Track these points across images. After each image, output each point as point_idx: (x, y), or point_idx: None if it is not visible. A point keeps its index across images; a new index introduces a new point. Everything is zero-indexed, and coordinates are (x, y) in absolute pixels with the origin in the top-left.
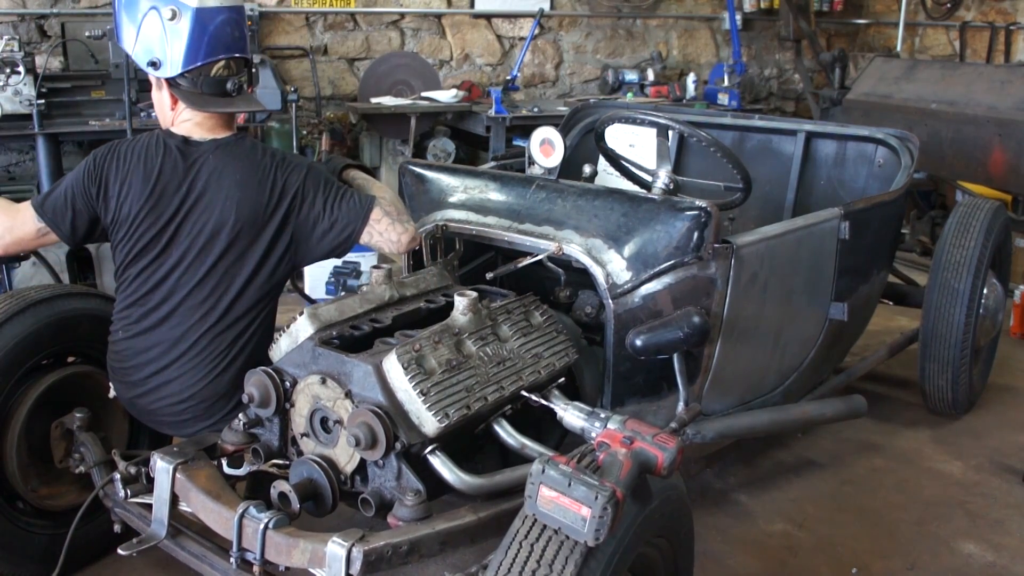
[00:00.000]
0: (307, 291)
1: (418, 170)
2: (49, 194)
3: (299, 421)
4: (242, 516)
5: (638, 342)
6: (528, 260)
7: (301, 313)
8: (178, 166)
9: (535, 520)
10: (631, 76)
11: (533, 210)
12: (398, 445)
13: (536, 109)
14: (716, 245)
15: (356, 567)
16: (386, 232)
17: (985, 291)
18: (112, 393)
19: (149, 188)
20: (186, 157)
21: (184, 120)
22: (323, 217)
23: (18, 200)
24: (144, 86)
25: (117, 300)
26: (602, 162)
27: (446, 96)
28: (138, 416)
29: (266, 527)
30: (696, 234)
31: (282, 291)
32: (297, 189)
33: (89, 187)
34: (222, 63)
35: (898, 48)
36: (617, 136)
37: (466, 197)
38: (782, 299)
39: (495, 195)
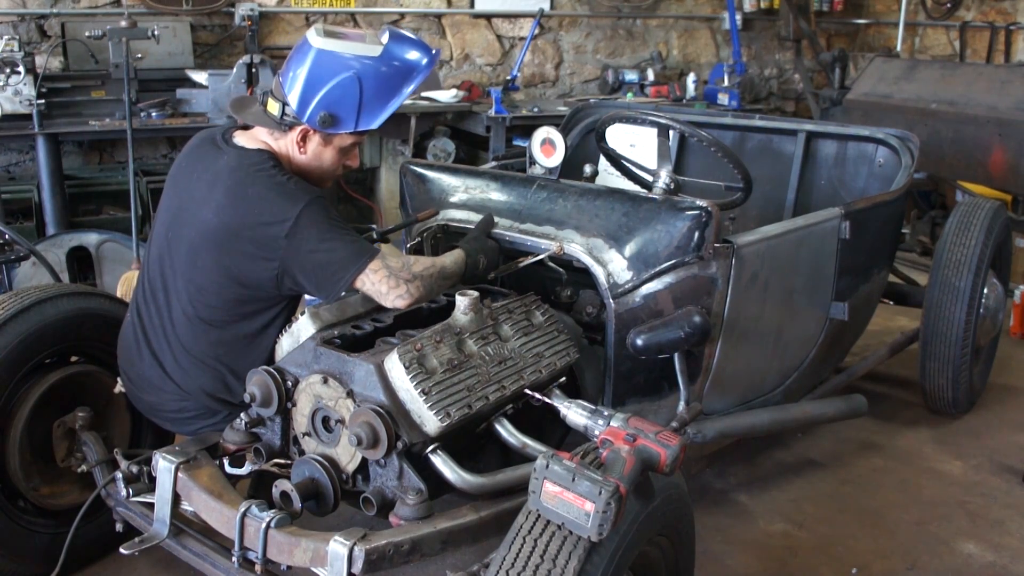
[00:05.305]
0: None
1: (418, 170)
2: None
3: (301, 420)
4: (244, 515)
5: (639, 341)
6: (529, 260)
7: (303, 313)
8: (193, 162)
9: (539, 515)
10: (631, 76)
11: (534, 210)
12: (400, 444)
13: (536, 109)
14: (717, 245)
15: (358, 566)
16: (378, 284)
17: (985, 291)
18: (119, 388)
19: (171, 175)
20: (205, 154)
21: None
22: (311, 256)
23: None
24: (144, 86)
25: (135, 288)
26: (603, 162)
27: (446, 96)
28: (141, 410)
29: (268, 526)
30: (697, 234)
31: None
32: (292, 220)
33: None
34: None
35: (898, 48)
36: (618, 136)
37: (467, 197)
38: (783, 299)
39: (496, 195)
